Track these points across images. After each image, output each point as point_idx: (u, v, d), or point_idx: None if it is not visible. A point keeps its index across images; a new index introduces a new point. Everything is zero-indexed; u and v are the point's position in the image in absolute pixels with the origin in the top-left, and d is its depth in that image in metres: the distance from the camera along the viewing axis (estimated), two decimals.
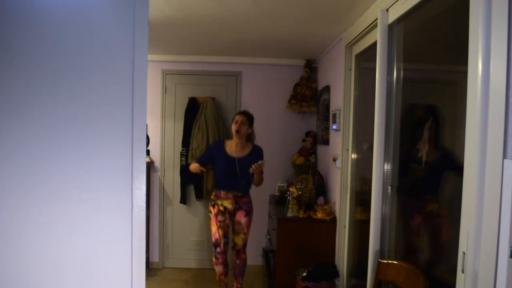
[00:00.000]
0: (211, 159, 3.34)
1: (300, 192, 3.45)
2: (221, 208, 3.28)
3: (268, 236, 4.00)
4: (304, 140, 4.08)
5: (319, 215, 3.23)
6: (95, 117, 1.13)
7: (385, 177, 2.24)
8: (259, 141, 3.86)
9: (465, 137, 1.30)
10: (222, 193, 3.28)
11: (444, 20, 2.00)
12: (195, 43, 3.58)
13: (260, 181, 3.27)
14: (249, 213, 3.34)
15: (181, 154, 4.16)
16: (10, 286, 1.12)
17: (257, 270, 4.16)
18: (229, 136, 3.73)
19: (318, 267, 3.02)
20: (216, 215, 3.29)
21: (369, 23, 2.40)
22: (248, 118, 3.26)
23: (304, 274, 2.97)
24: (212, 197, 3.36)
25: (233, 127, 3.23)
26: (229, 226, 3.36)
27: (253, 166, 3.05)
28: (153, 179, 4.25)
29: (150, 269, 4.20)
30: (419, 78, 2.58)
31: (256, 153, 3.28)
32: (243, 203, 3.31)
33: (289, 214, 3.32)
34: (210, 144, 3.49)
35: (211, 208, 3.32)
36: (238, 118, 3.25)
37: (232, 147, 3.28)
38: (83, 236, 1.14)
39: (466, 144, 1.30)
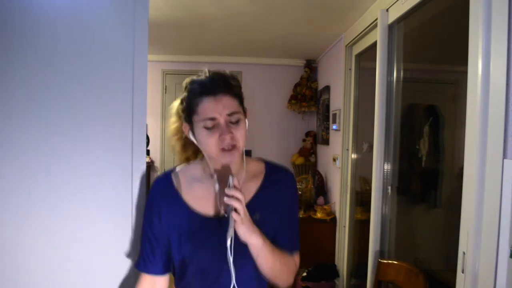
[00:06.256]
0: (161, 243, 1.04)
1: (300, 192, 3.45)
2: None
3: None
4: (304, 140, 4.08)
5: (319, 215, 3.22)
6: (95, 117, 1.13)
7: (385, 177, 2.23)
8: (258, 142, 3.84)
9: (465, 137, 1.30)
10: None
11: (444, 20, 2.00)
12: (195, 43, 3.58)
13: (279, 271, 1.03)
14: None
15: None
16: (5, 285, 1.12)
17: None
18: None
19: (318, 267, 3.02)
20: None
21: (369, 23, 2.40)
22: (239, 94, 1.05)
23: (304, 274, 2.97)
24: None
25: (212, 140, 0.95)
26: None
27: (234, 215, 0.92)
28: (153, 179, 4.24)
29: None
30: (419, 78, 2.58)
31: (280, 183, 1.08)
32: None
33: None
34: (147, 199, 1.09)
35: None
36: (217, 107, 0.95)
37: (206, 189, 1.05)
38: (82, 236, 1.14)
39: (466, 144, 1.29)
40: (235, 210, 0.92)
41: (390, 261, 1.91)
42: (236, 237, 0.94)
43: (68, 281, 1.13)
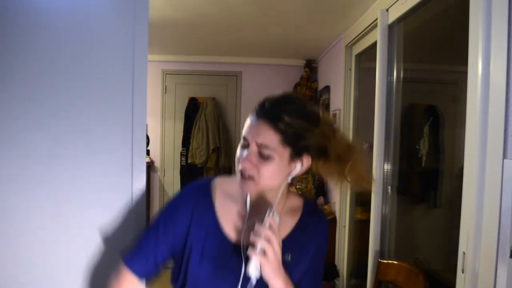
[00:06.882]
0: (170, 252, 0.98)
1: (300, 192, 3.44)
2: None
3: None
4: None
5: None
6: (95, 117, 1.13)
7: (385, 177, 2.23)
8: None
9: (465, 137, 1.30)
10: None
11: (444, 20, 2.00)
12: (195, 43, 3.58)
13: None
14: None
15: (181, 154, 4.16)
16: (7, 285, 1.12)
17: None
18: (228, 142, 1.32)
19: None
20: None
21: (369, 23, 2.40)
22: (288, 133, 0.85)
23: None
24: None
25: (238, 159, 0.91)
26: None
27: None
28: (153, 179, 4.25)
29: None
30: (419, 78, 2.58)
31: (316, 228, 0.98)
32: None
33: None
34: (171, 199, 0.99)
35: None
36: (252, 130, 0.88)
37: (238, 211, 0.96)
38: (82, 237, 1.14)
39: (466, 144, 1.29)
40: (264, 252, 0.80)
41: (390, 261, 1.91)
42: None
43: (69, 281, 1.13)
